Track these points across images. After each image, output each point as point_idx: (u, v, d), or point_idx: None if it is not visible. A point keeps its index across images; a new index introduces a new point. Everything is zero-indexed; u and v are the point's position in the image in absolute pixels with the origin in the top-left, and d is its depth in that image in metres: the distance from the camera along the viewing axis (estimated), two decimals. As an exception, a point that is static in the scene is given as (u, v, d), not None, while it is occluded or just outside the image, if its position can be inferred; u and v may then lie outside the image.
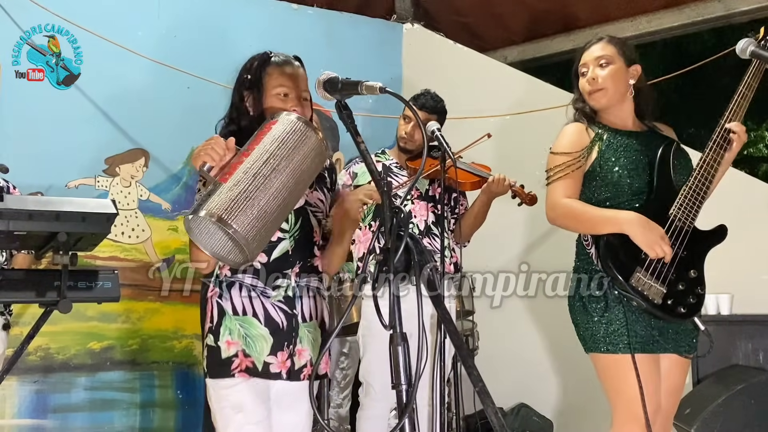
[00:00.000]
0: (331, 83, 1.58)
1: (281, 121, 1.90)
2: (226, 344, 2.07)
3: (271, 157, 1.81)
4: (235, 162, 1.83)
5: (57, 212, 2.18)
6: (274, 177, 1.78)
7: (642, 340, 2.29)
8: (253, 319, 2.08)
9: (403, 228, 1.23)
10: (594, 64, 2.44)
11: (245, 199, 1.73)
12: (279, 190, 1.78)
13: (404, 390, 1.19)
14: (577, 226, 2.41)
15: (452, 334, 1.16)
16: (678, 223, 2.30)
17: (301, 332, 2.12)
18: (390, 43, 4.96)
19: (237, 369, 2.05)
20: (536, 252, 4.20)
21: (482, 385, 1.09)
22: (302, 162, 1.86)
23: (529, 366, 4.28)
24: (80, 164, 3.95)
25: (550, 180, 2.43)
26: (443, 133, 3.19)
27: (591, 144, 2.40)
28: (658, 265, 2.26)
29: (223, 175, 1.81)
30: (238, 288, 2.11)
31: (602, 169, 2.38)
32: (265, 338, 2.07)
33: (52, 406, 3.79)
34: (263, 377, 2.06)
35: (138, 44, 4.02)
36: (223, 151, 1.87)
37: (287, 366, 2.08)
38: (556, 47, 4.80)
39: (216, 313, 2.11)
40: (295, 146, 1.85)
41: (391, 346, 1.23)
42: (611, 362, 2.31)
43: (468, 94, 4.56)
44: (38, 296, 2.36)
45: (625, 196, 2.36)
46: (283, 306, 2.10)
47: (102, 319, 3.86)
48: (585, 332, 2.39)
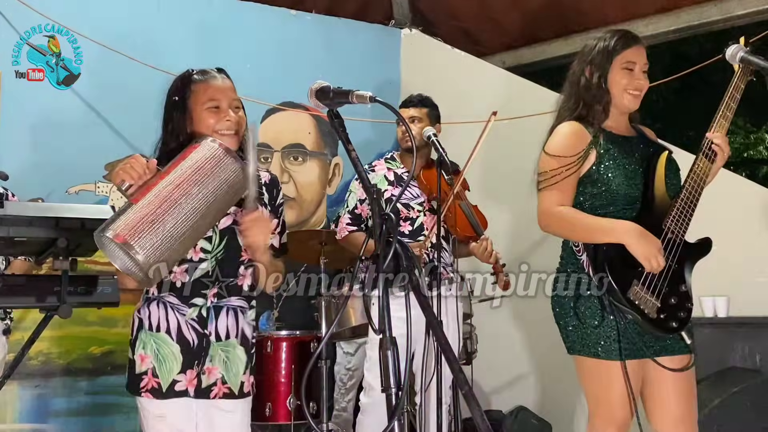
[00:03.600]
0: (322, 92, 1.60)
1: (201, 147, 1.95)
2: (139, 358, 2.12)
3: (185, 182, 1.86)
4: (151, 183, 1.87)
5: (57, 218, 2.20)
6: (184, 202, 1.83)
7: (632, 346, 2.25)
8: (165, 335, 2.12)
9: (392, 234, 1.25)
10: (641, 67, 2.34)
11: (151, 222, 1.79)
12: (188, 215, 1.83)
13: (393, 393, 1.21)
14: (572, 234, 2.33)
15: (439, 339, 1.18)
16: (671, 235, 2.25)
17: (212, 351, 2.14)
18: (388, 48, 4.99)
19: (144, 389, 2.10)
20: (536, 252, 4.21)
21: (468, 388, 1.11)
22: (217, 189, 1.90)
23: (528, 368, 4.29)
24: (81, 170, 3.97)
25: (543, 186, 2.35)
26: (439, 139, 3.22)
27: (589, 147, 2.29)
28: (653, 279, 2.22)
29: (135, 195, 1.86)
30: (157, 304, 2.14)
31: (600, 176, 2.29)
32: (175, 356, 2.11)
33: (53, 410, 3.81)
34: (167, 397, 2.09)
35: (137, 51, 4.05)
36: (143, 170, 1.91)
37: (194, 384, 2.11)
38: (553, 51, 4.81)
39: (135, 327, 2.17)
40: (212, 173, 1.90)
41: (381, 350, 1.25)
42: (597, 367, 2.27)
43: (466, 98, 4.58)
44: (38, 301, 2.38)
45: (619, 205, 2.30)
46: (195, 325, 2.13)
47: (102, 323, 3.88)
48: (573, 334, 2.33)
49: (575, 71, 2.41)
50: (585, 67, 2.37)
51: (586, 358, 2.29)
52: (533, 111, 4.22)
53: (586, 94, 2.36)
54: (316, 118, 4.71)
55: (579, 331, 2.31)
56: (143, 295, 2.21)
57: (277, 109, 4.59)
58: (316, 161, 4.74)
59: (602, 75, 2.33)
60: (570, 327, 2.34)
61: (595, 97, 2.34)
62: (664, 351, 2.30)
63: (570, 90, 2.41)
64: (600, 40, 2.37)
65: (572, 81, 2.41)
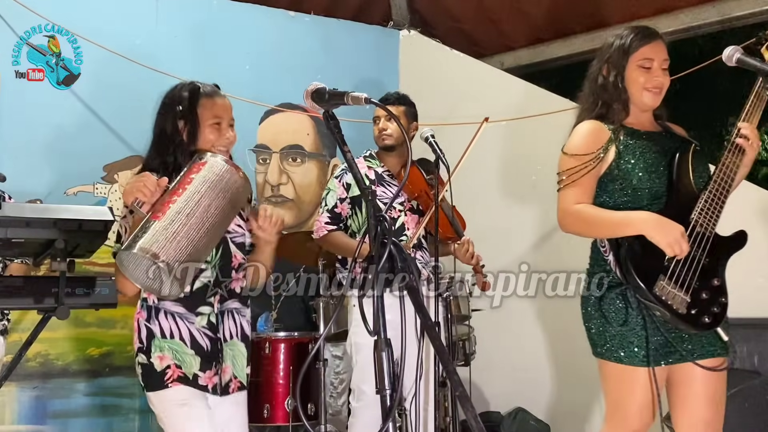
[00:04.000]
0: (318, 94, 1.60)
1: (210, 164, 2.08)
2: (158, 359, 2.20)
3: (203, 198, 1.99)
4: (167, 200, 1.99)
5: (54, 219, 2.21)
6: (205, 217, 1.97)
7: (658, 352, 2.18)
8: (180, 342, 2.21)
9: (387, 235, 1.25)
10: (660, 64, 2.31)
11: (178, 238, 1.91)
12: (209, 229, 1.98)
13: (388, 395, 1.22)
14: (591, 231, 2.30)
15: (434, 340, 1.18)
16: (699, 228, 2.19)
17: (224, 351, 2.27)
18: (387, 49, 4.99)
19: (170, 379, 2.18)
20: (536, 252, 4.22)
21: (462, 389, 1.11)
22: (229, 201, 2.05)
23: (527, 369, 4.29)
24: (79, 171, 3.98)
25: (562, 185, 2.30)
26: (437, 139, 3.22)
27: (607, 144, 2.27)
28: (681, 273, 2.14)
29: (155, 212, 1.97)
30: (164, 314, 2.22)
31: (620, 172, 2.26)
32: (193, 357, 2.21)
33: (52, 411, 3.81)
34: (194, 386, 2.20)
35: (136, 52, 4.05)
36: (155, 188, 2.03)
37: (214, 382, 2.23)
38: (553, 53, 4.82)
39: (145, 336, 2.23)
40: (224, 188, 2.05)
41: (375, 351, 1.25)
42: (620, 372, 2.21)
43: (464, 100, 4.59)
44: (36, 303, 2.38)
45: (644, 200, 2.24)
46: (207, 332, 2.24)
47: (100, 325, 3.88)
48: (598, 337, 2.27)
49: (594, 70, 2.38)
50: (603, 65, 2.35)
51: (609, 362, 2.24)
52: (532, 112, 4.22)
53: (604, 93, 2.33)
54: (314, 119, 4.71)
55: (604, 333, 2.25)
56: (141, 302, 2.27)
57: (275, 111, 4.59)
58: (314, 162, 4.75)
59: (619, 74, 2.31)
60: (594, 329, 2.29)
61: (612, 96, 2.32)
62: (699, 352, 2.22)
63: (589, 89, 2.39)
64: (617, 38, 2.34)
65: (591, 79, 2.39)
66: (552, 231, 4.21)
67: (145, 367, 2.22)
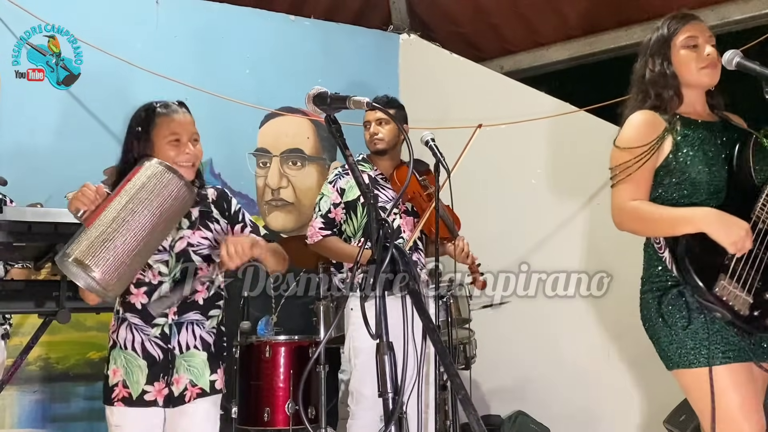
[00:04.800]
0: (320, 98, 1.61)
1: (145, 167, 2.10)
2: (112, 372, 2.29)
3: (130, 201, 2.02)
4: (101, 207, 2.04)
5: (55, 223, 2.22)
6: (131, 219, 2.00)
7: (735, 348, 2.03)
8: (132, 352, 2.29)
9: (389, 240, 1.26)
10: (705, 40, 2.20)
11: (102, 242, 1.95)
12: (136, 232, 2.00)
13: (391, 398, 1.22)
14: (647, 229, 2.16)
15: (436, 343, 1.19)
16: (762, 225, 2.05)
17: (177, 363, 2.30)
18: (387, 53, 5.00)
19: (116, 398, 2.27)
20: (536, 252, 4.23)
21: (464, 393, 1.12)
22: (162, 204, 2.06)
23: (526, 372, 4.29)
24: (79, 175, 3.96)
25: (615, 181, 2.16)
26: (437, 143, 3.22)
27: (663, 134, 2.14)
28: (743, 272, 2.01)
29: (90, 220, 2.02)
30: (126, 326, 2.30)
31: (678, 164, 2.13)
32: (141, 369, 2.28)
33: (52, 415, 3.80)
34: (138, 406, 2.26)
35: (136, 56, 4.06)
36: (94, 196, 2.07)
37: (164, 394, 2.27)
38: (552, 56, 4.83)
39: (110, 346, 2.34)
40: (156, 190, 2.06)
41: (378, 355, 1.25)
42: (703, 377, 2.02)
43: (464, 103, 4.60)
44: (37, 306, 2.41)
45: (703, 195, 2.12)
46: (159, 341, 2.29)
47: (101, 328, 3.87)
48: (669, 348, 2.11)
49: (637, 69, 2.29)
50: (647, 60, 2.26)
51: (689, 371, 2.07)
52: (531, 115, 4.23)
53: (653, 86, 2.23)
54: (314, 123, 4.72)
55: (671, 340, 2.11)
56: (114, 315, 2.35)
57: (275, 114, 4.60)
58: (314, 166, 4.75)
59: (664, 60, 2.21)
60: (662, 339, 2.14)
61: (663, 85, 2.21)
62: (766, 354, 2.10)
63: (637, 87, 2.29)
64: (654, 32, 2.28)
65: (637, 79, 2.29)
66: (553, 231, 4.22)
67: (104, 378, 2.32)
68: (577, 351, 4.08)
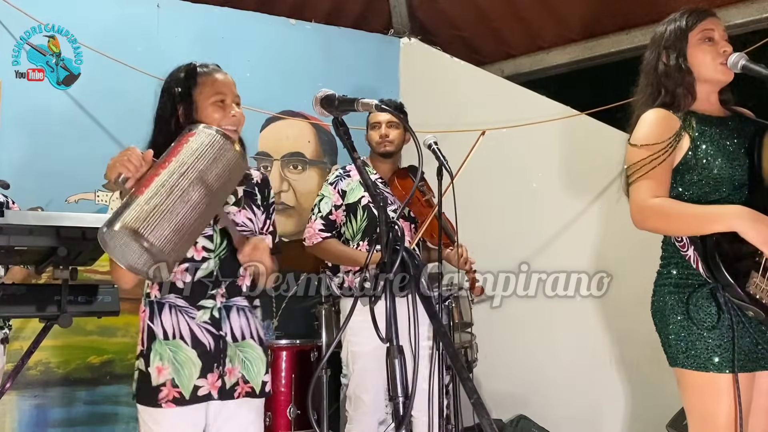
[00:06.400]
0: (328, 100, 1.60)
1: (199, 134, 1.91)
2: (156, 371, 2.07)
3: (189, 170, 1.81)
4: (151, 174, 1.83)
5: (57, 227, 2.21)
6: (191, 190, 1.80)
7: (745, 357, 2.01)
8: (180, 341, 2.08)
9: (399, 242, 1.25)
10: (722, 35, 2.17)
11: (161, 213, 1.74)
12: (196, 203, 1.80)
13: (401, 402, 1.21)
14: (672, 227, 2.09)
15: (448, 347, 1.18)
16: None
17: (230, 352, 2.12)
18: (387, 57, 5.00)
19: (164, 399, 2.04)
20: (536, 252, 4.23)
21: (477, 396, 1.11)
22: (221, 174, 1.87)
23: (528, 375, 4.29)
24: (80, 179, 3.96)
25: (634, 178, 2.09)
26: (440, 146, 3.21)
27: (679, 131, 2.10)
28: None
29: (139, 187, 1.81)
30: (168, 309, 2.10)
31: (698, 161, 2.08)
32: (193, 362, 2.07)
33: (52, 420, 3.79)
34: (191, 403, 2.06)
35: (137, 60, 4.05)
36: (139, 162, 1.88)
37: (218, 386, 2.08)
38: (553, 60, 4.83)
39: (146, 337, 2.12)
40: (213, 159, 1.86)
41: (388, 358, 1.24)
42: (705, 381, 2.02)
43: (465, 107, 4.60)
44: (39, 311, 2.39)
45: (725, 191, 2.07)
46: (209, 327, 2.10)
47: (102, 333, 3.87)
48: (677, 344, 2.08)
49: (649, 60, 2.24)
50: (660, 52, 2.21)
51: (692, 372, 2.05)
52: (532, 119, 4.23)
53: (666, 81, 2.18)
54: (315, 126, 4.72)
55: (686, 339, 2.06)
56: (144, 298, 2.18)
57: (276, 118, 4.59)
58: (315, 170, 4.74)
59: (680, 55, 2.17)
60: (673, 335, 2.09)
61: (676, 80, 2.17)
62: None
63: (647, 80, 2.24)
64: (669, 23, 2.23)
65: (647, 71, 2.24)
66: (553, 231, 4.22)
67: (142, 376, 2.10)
68: (577, 353, 4.08)
